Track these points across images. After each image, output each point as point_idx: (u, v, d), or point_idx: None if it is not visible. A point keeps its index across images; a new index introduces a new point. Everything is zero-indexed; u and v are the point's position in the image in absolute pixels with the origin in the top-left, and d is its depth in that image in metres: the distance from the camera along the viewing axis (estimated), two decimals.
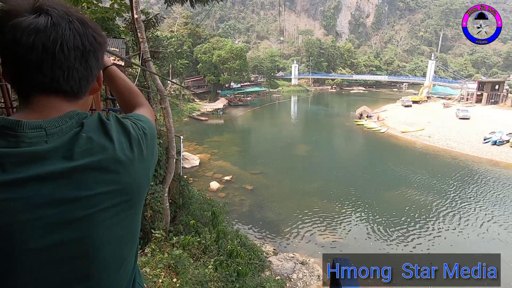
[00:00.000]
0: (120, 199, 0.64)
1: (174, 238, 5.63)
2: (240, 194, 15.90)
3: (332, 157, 23.60)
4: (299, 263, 10.09)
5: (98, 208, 0.60)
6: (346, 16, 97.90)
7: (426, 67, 59.20)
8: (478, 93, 39.67)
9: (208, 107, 41.08)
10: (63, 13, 0.62)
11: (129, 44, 12.24)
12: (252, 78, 58.58)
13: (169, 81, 33.50)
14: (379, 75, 69.95)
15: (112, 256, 0.65)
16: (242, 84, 52.80)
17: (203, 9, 66.21)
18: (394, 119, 33.36)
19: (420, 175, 18.50)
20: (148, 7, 59.41)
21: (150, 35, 11.10)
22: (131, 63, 8.96)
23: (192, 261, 5.63)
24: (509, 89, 39.05)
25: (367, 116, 34.26)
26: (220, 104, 42.77)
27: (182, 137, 9.68)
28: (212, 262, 5.40)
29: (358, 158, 23.56)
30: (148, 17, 10.15)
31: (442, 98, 44.82)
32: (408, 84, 66.30)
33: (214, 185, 16.69)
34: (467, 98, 41.53)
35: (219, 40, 50.70)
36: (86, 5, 6.95)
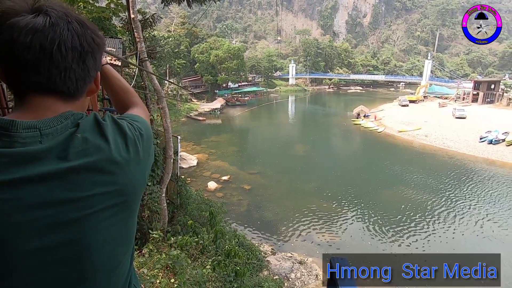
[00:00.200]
0: (116, 201, 0.63)
1: (172, 239, 5.61)
2: (238, 194, 15.89)
3: (330, 157, 23.65)
4: (297, 263, 10.10)
5: (93, 210, 0.59)
6: (343, 16, 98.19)
7: (423, 67, 59.42)
8: (474, 93, 39.91)
9: (206, 107, 40.99)
10: (62, 14, 0.61)
11: (126, 44, 12.20)
12: (250, 78, 58.60)
13: (166, 81, 33.40)
14: (376, 75, 70.23)
15: (107, 258, 0.64)
16: (240, 84, 52.80)
17: (200, 9, 66.03)
18: (391, 119, 33.48)
19: (417, 174, 18.60)
20: (145, 7, 59.27)
21: (147, 35, 11.05)
22: (128, 63, 8.92)
23: (190, 262, 5.61)
24: (505, 89, 39.34)
25: (365, 116, 34.33)
26: (218, 104, 42.71)
27: (180, 137, 9.65)
28: (210, 262, 5.38)
29: (356, 158, 23.64)
30: (145, 17, 10.10)
31: (439, 98, 45.04)
32: (405, 84, 66.55)
33: (212, 185, 16.66)
34: (464, 98, 41.79)
35: (217, 40, 50.63)
36: (83, 5, 6.90)
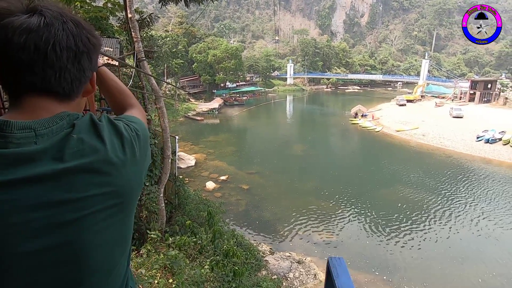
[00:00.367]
0: (112, 202, 0.63)
1: (170, 239, 5.60)
2: (236, 194, 15.88)
3: (328, 156, 23.70)
4: (296, 262, 10.11)
5: (89, 211, 0.59)
6: (341, 16, 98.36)
7: (420, 66, 59.78)
8: (471, 92, 40.15)
9: (204, 107, 40.92)
10: (57, 14, 0.61)
11: (123, 44, 12.14)
12: (248, 78, 58.61)
13: (163, 82, 33.31)
14: (374, 75, 70.49)
15: (103, 260, 0.63)
16: (238, 84, 52.80)
17: (198, 9, 65.90)
18: (389, 118, 33.60)
19: (415, 173, 18.68)
20: (142, 6, 59.01)
21: (145, 35, 11.01)
22: (126, 65, 8.90)
23: (188, 262, 5.61)
24: (501, 88, 39.59)
25: (362, 115, 34.43)
26: (216, 104, 42.65)
27: (178, 137, 9.64)
28: (208, 262, 5.38)
29: (354, 157, 23.70)
30: (142, 16, 10.07)
31: (436, 97, 45.22)
32: (403, 83, 66.85)
33: (210, 185, 16.64)
34: (461, 97, 42.01)
35: (214, 40, 50.56)
36: (80, 4, 6.87)
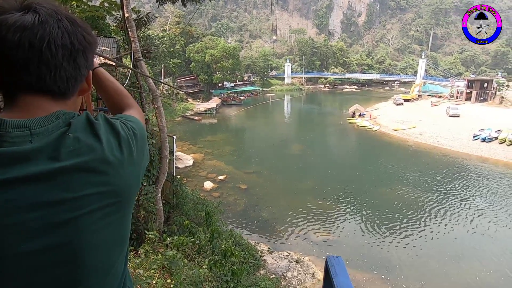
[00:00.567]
0: (109, 201, 0.62)
1: (168, 239, 5.59)
2: (234, 194, 15.87)
3: (326, 156, 23.75)
4: (294, 261, 10.12)
5: (86, 210, 0.58)
6: (338, 15, 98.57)
7: (417, 66, 60.01)
8: (468, 91, 40.40)
9: (201, 107, 40.85)
10: (52, 11, 0.60)
11: (120, 43, 12.06)
12: (245, 77, 58.57)
13: (160, 82, 33.19)
14: (371, 74, 70.77)
15: (101, 260, 0.63)
16: (235, 84, 52.74)
17: (195, 8, 65.75)
18: (386, 117, 33.73)
19: (412, 172, 18.76)
20: (140, 6, 58.84)
21: (142, 34, 10.95)
22: (123, 66, 8.87)
23: (186, 262, 5.60)
24: (497, 87, 39.88)
25: (360, 115, 34.55)
26: (214, 104, 42.58)
27: (175, 137, 9.61)
28: (207, 262, 5.38)
29: (351, 156, 23.77)
30: (139, 16, 10.00)
31: (433, 96, 45.47)
32: (400, 83, 67.11)
33: (208, 185, 16.63)
34: (457, 96, 42.27)
35: (212, 39, 50.46)
36: (76, 4, 6.82)
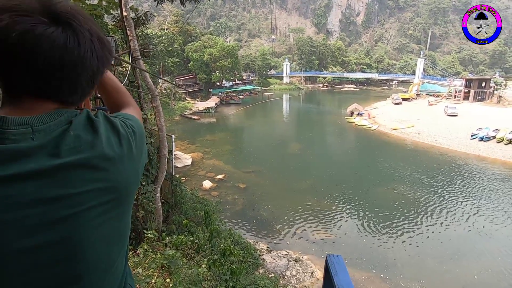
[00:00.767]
0: (109, 198, 0.62)
1: (167, 238, 5.59)
2: (233, 193, 15.88)
3: (324, 155, 23.78)
4: (293, 260, 10.15)
5: (86, 207, 0.58)
6: (337, 14, 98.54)
7: (415, 65, 60.08)
8: (466, 91, 40.54)
9: (200, 106, 40.79)
10: (87, 32, 0.60)
11: (119, 42, 12.02)
12: (244, 77, 58.52)
13: (160, 79, 33.14)
14: (370, 73, 70.84)
15: (101, 257, 0.63)
16: (234, 83, 52.70)
17: (194, 7, 65.56)
18: (385, 117, 33.81)
19: (410, 171, 18.82)
20: (138, 5, 58.65)
21: (140, 33, 10.92)
22: (122, 61, 8.82)
23: (185, 261, 5.60)
24: (495, 86, 40.05)
25: (358, 114, 34.61)
26: (212, 103, 42.53)
27: (174, 136, 9.60)
28: (206, 261, 5.38)
29: (350, 155, 23.81)
30: (138, 15, 9.97)
31: (431, 96, 45.60)
32: (398, 82, 67.25)
33: (207, 184, 16.62)
34: (455, 95, 42.40)
35: (210, 38, 50.35)
36: (73, 2, 6.80)
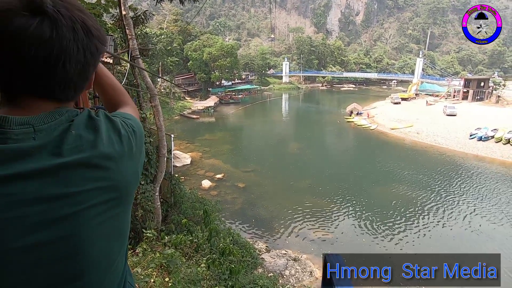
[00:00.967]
0: (109, 196, 0.63)
1: (166, 237, 5.59)
2: (232, 192, 15.88)
3: (323, 154, 23.81)
4: (292, 260, 10.17)
5: (87, 205, 0.59)
6: (336, 14, 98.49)
7: (415, 65, 60.16)
8: (464, 90, 40.62)
9: (199, 105, 40.77)
10: (68, 19, 0.58)
11: (118, 41, 12.00)
12: (243, 76, 58.46)
13: (159, 78, 33.07)
14: (369, 73, 70.80)
15: (102, 255, 0.64)
16: (233, 82, 52.65)
17: (193, 6, 65.45)
18: (384, 116, 33.85)
19: (409, 171, 18.87)
20: (137, 4, 58.44)
21: (139, 32, 10.91)
22: (121, 59, 8.81)
23: (185, 260, 5.60)
24: (494, 86, 40.14)
25: (357, 113, 34.63)
26: (211, 102, 42.50)
27: (173, 136, 9.59)
28: (205, 261, 5.38)
29: (349, 155, 23.85)
30: (137, 14, 9.95)
31: (430, 95, 45.66)
32: (397, 82, 67.25)
33: (206, 184, 16.62)
34: (454, 95, 42.47)
35: (210, 38, 50.24)
36: None
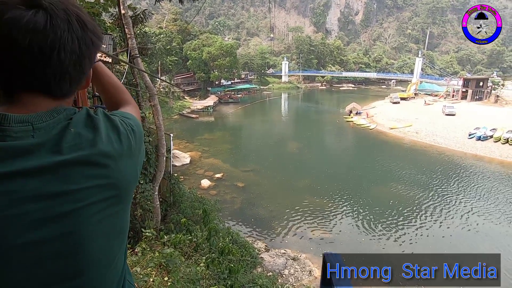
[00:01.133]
0: (109, 194, 0.63)
1: (165, 237, 5.58)
2: (232, 192, 15.89)
3: (323, 154, 23.83)
4: (291, 259, 10.19)
5: (86, 203, 0.59)
6: (336, 13, 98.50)
7: (414, 65, 60.22)
8: (463, 90, 40.70)
9: (199, 105, 40.76)
10: (62, 12, 0.59)
11: (117, 40, 11.98)
12: (243, 75, 58.44)
13: (158, 79, 33.04)
14: (368, 72, 70.90)
15: (101, 252, 0.64)
16: (233, 81, 52.67)
17: (192, 5, 65.38)
18: (383, 116, 33.89)
19: (408, 170, 18.90)
20: (136, 3, 58.26)
21: (138, 31, 10.90)
22: (119, 60, 8.80)
23: (184, 259, 5.60)
24: (493, 86, 40.23)
25: (357, 113, 34.66)
26: (211, 102, 42.49)
27: (172, 135, 9.60)
28: (204, 260, 5.38)
29: (348, 155, 23.88)
30: (136, 13, 9.94)
31: (429, 95, 45.71)
32: (396, 81, 67.37)
33: (205, 183, 16.62)
34: (453, 95, 42.54)
35: (209, 37, 50.18)
36: None
